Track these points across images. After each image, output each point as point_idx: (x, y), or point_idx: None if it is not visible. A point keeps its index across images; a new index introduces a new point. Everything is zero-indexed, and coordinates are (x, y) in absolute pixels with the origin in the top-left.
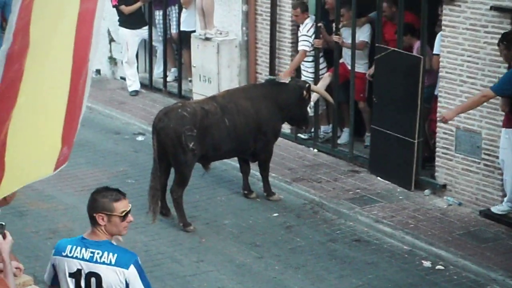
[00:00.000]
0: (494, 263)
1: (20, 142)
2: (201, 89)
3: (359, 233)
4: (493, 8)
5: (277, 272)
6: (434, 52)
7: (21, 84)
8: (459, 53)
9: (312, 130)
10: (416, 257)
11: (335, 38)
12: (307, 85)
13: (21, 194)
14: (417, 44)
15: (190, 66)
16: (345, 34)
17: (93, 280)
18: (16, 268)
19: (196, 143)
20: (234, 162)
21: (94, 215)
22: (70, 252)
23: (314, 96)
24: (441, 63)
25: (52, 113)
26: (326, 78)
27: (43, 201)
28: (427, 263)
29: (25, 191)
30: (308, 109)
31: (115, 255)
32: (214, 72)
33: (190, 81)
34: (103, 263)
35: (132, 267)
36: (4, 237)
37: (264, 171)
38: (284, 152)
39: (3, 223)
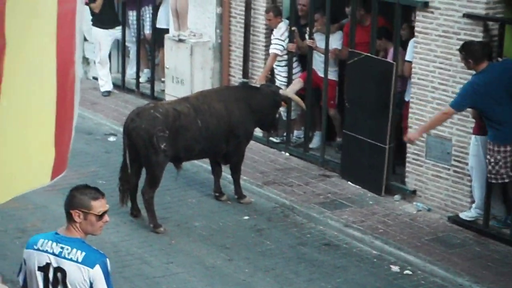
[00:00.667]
0: (462, 268)
1: (7, 149)
2: (173, 91)
3: (329, 237)
4: (466, 15)
5: (246, 274)
6: (406, 58)
7: (1, 86)
8: (431, 60)
9: (284, 134)
10: (384, 262)
11: (309, 42)
12: (278, 89)
13: None
14: (392, 49)
15: (164, 65)
16: (318, 40)
17: (59, 275)
18: None
19: (168, 144)
20: (205, 164)
21: (71, 211)
22: (42, 246)
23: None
24: (413, 69)
25: (40, 118)
26: (296, 83)
27: (12, 199)
28: (395, 268)
29: None
30: (282, 112)
31: (83, 253)
32: (187, 74)
33: (163, 81)
34: (70, 259)
35: (97, 267)
36: None
37: (236, 173)
38: (256, 156)
39: None
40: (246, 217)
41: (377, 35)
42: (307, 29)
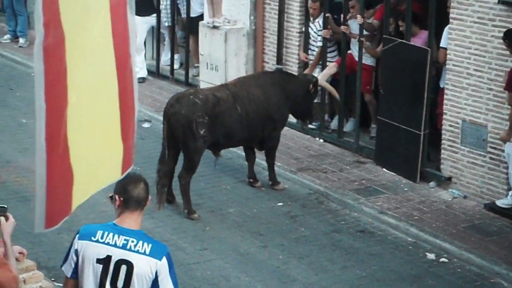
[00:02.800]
0: (498, 256)
1: (82, 146)
2: (208, 77)
3: (363, 224)
4: (501, 2)
5: (280, 261)
6: (441, 45)
7: (67, 81)
8: (467, 46)
9: (318, 121)
10: (420, 249)
11: (343, 28)
12: (314, 79)
13: (25, 179)
14: (422, 34)
15: (196, 52)
16: (354, 26)
17: (123, 267)
18: (20, 253)
19: (207, 130)
20: (239, 151)
21: (147, 201)
22: (102, 238)
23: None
24: (448, 56)
25: (107, 112)
26: (331, 67)
27: None
28: (431, 256)
29: (29, 176)
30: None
31: (150, 245)
32: (222, 60)
33: (196, 67)
34: (137, 251)
35: (164, 259)
36: (6, 219)
37: (271, 159)
38: (290, 142)
39: (5, 206)
40: (280, 204)
41: (404, 18)
42: (342, 15)
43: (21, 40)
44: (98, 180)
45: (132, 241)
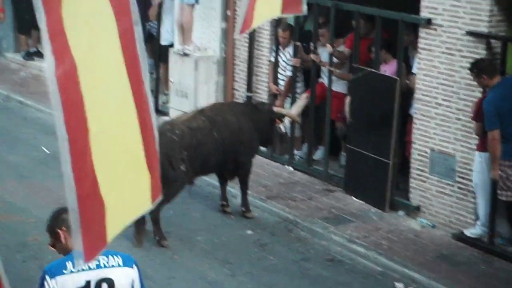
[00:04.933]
0: (466, 286)
1: (109, 176)
2: (178, 104)
3: (332, 252)
4: (469, 33)
5: None
6: (413, 71)
7: (86, 112)
8: (435, 76)
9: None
10: (389, 279)
11: (312, 56)
12: (273, 107)
13: None
14: (394, 62)
15: (166, 80)
16: (324, 54)
17: (104, 286)
18: None
19: (187, 163)
20: (209, 179)
21: None
22: (73, 267)
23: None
24: (417, 85)
25: (130, 141)
26: (303, 99)
27: (15, 213)
28: (400, 285)
29: None
30: (282, 127)
31: (119, 256)
32: (192, 87)
33: (166, 94)
34: (112, 266)
35: (135, 266)
36: None
37: (244, 185)
38: (260, 170)
39: None
40: (250, 232)
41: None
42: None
43: None
44: (129, 210)
45: (103, 259)
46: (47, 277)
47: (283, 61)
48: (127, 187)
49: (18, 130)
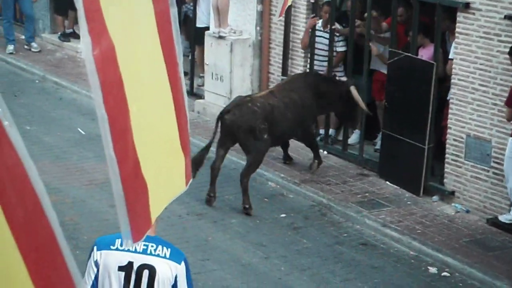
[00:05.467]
0: (500, 271)
1: (150, 157)
2: (213, 87)
3: (366, 236)
4: (507, 17)
5: (282, 273)
6: (450, 56)
7: (125, 91)
8: (472, 61)
9: (322, 131)
10: (422, 263)
11: (372, 47)
12: (349, 85)
13: None
14: (431, 47)
15: (202, 62)
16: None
17: (145, 272)
18: None
19: (268, 134)
20: (243, 161)
21: None
22: (121, 245)
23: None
24: (453, 70)
25: (166, 123)
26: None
27: (50, 193)
28: (433, 270)
29: None
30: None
31: (169, 249)
32: (227, 70)
33: (201, 77)
34: (158, 255)
35: (183, 263)
36: None
37: (315, 146)
38: (294, 153)
39: None
40: (283, 215)
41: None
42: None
43: (34, 45)
44: (168, 192)
45: (152, 246)
46: (95, 248)
47: (326, 38)
48: (165, 168)
49: (54, 111)
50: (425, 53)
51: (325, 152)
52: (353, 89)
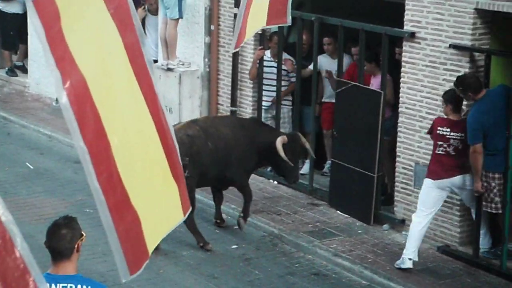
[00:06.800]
0: None
1: (139, 188)
2: None
3: (318, 266)
4: (452, 46)
5: None
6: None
7: (103, 123)
8: (419, 89)
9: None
10: None
11: (326, 74)
12: (277, 136)
13: None
14: (378, 77)
15: None
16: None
17: None
18: None
19: (190, 169)
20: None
21: (76, 245)
22: None
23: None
24: (400, 99)
25: (152, 154)
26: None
27: None
28: None
29: None
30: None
31: (89, 287)
32: (176, 102)
33: None
34: None
35: None
36: None
37: (245, 196)
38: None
39: None
40: (235, 246)
41: (367, 59)
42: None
43: None
44: (164, 221)
45: (71, 287)
46: None
47: (275, 68)
48: (157, 198)
49: (2, 145)
50: (376, 82)
51: (275, 182)
52: (278, 142)
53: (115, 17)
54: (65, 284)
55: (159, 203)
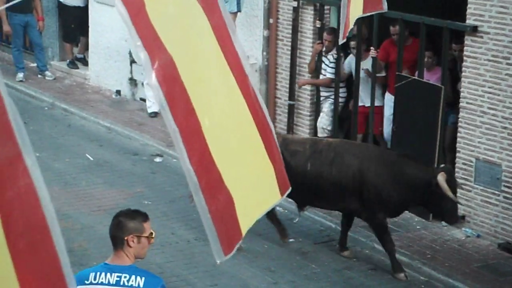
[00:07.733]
0: None
1: (233, 169)
2: None
3: (375, 261)
4: None
5: None
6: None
7: (193, 104)
8: (480, 84)
9: None
10: None
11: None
12: (439, 174)
13: None
14: (437, 70)
15: None
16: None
17: None
18: None
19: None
20: None
21: (126, 238)
22: (95, 279)
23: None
24: (461, 94)
25: (246, 133)
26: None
27: (60, 220)
28: None
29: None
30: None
31: (143, 278)
32: None
33: None
34: (131, 286)
35: None
36: None
37: (383, 243)
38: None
39: None
40: (292, 240)
41: (427, 48)
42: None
43: (48, 73)
44: (259, 203)
45: (125, 277)
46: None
47: (326, 65)
48: (252, 180)
49: (62, 137)
50: (431, 77)
51: None
52: (442, 180)
53: (201, 1)
54: (119, 274)
55: (254, 183)
